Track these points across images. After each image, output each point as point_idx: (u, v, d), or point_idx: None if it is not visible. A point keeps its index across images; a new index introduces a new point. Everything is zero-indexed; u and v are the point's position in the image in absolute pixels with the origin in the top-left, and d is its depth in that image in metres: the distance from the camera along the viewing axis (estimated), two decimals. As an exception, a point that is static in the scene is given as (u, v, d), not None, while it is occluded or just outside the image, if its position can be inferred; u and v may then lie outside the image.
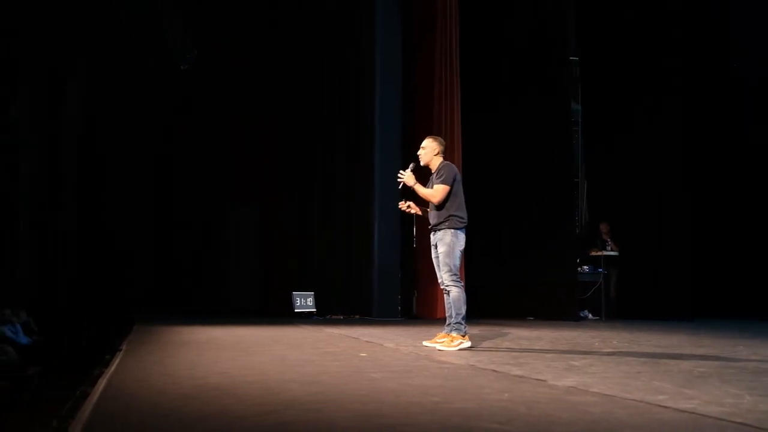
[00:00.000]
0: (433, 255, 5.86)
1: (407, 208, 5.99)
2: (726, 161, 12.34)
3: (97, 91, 12.20)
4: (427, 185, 5.87)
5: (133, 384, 3.69)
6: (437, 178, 5.79)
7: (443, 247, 5.67)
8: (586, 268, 11.48)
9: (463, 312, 5.60)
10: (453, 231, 5.67)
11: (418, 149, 6.01)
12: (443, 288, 5.75)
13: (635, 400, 3.10)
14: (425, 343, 5.87)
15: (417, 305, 12.12)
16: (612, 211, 11.78)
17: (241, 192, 12.81)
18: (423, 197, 5.88)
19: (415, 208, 5.98)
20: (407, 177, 5.84)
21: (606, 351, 5.59)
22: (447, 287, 5.67)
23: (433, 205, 5.78)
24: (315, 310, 11.38)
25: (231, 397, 3.20)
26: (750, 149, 12.39)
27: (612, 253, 11.41)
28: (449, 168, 5.82)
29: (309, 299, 11.44)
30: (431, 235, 5.87)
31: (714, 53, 12.61)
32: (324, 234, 12.22)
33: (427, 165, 5.94)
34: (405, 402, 3.07)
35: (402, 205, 6.02)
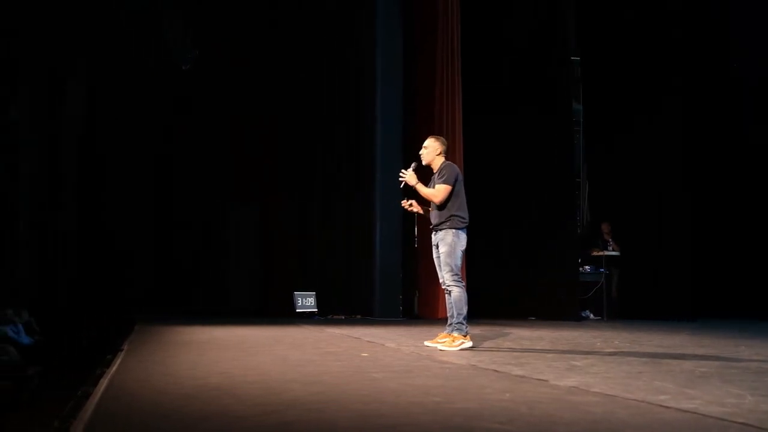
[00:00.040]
0: (435, 255, 5.85)
1: (409, 206, 5.99)
2: (726, 161, 12.33)
3: (97, 91, 12.20)
4: (429, 185, 5.87)
5: (135, 384, 3.69)
6: (439, 178, 5.79)
7: (445, 247, 5.67)
8: (587, 268, 11.48)
9: (465, 312, 5.60)
10: (454, 231, 5.67)
11: (419, 150, 6.01)
12: (444, 288, 5.75)
13: (637, 400, 3.10)
14: (427, 343, 5.87)
15: (418, 305, 12.12)
16: (613, 211, 11.78)
17: (242, 192, 12.81)
18: (425, 197, 5.87)
19: (417, 206, 5.98)
20: (409, 176, 5.84)
21: (607, 351, 5.59)
22: (448, 287, 5.67)
23: (435, 205, 5.78)
24: (316, 310, 11.38)
25: (232, 398, 3.20)
26: (750, 149, 12.39)
27: (613, 253, 11.41)
28: (451, 168, 5.82)
29: (310, 299, 11.44)
30: (432, 235, 5.87)
31: (714, 53, 12.60)
32: (325, 234, 12.22)
33: (429, 165, 5.94)
34: (406, 402, 3.07)
35: (405, 203, 6.03)
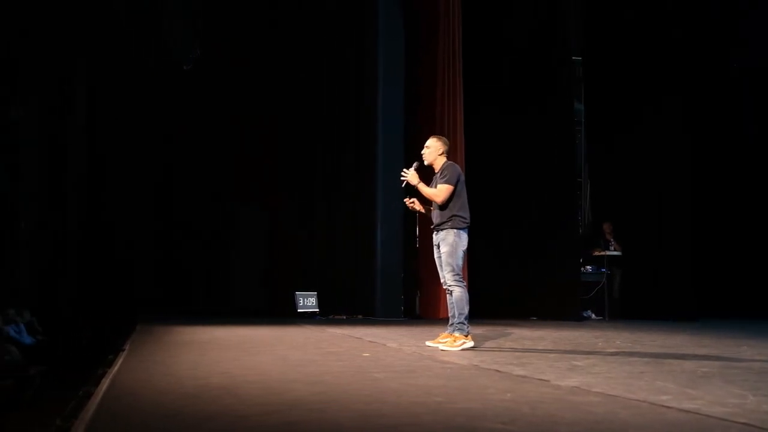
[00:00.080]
0: (436, 255, 5.85)
1: (411, 203, 5.99)
2: (727, 161, 12.32)
3: (98, 91, 12.18)
4: (431, 185, 5.87)
5: (136, 384, 3.69)
6: (441, 177, 5.78)
7: (446, 247, 5.67)
8: (589, 268, 11.48)
9: (466, 312, 5.60)
10: (456, 231, 5.67)
11: (421, 150, 6.01)
12: (446, 288, 5.75)
13: (638, 400, 3.10)
14: (428, 343, 5.87)
15: (420, 305, 12.11)
16: (615, 211, 11.76)
17: (244, 192, 12.80)
18: (426, 196, 5.87)
19: (419, 205, 5.98)
20: (411, 176, 5.84)
21: (609, 351, 5.59)
22: (450, 287, 5.67)
23: (437, 205, 5.78)
24: (318, 310, 11.37)
25: (233, 397, 3.20)
26: (750, 149, 12.39)
27: (615, 253, 11.39)
28: (453, 168, 5.82)
29: (312, 299, 11.43)
30: (434, 235, 5.87)
31: (714, 53, 12.58)
32: (327, 234, 12.21)
33: (431, 164, 5.94)
34: (408, 402, 3.07)
35: (407, 201, 6.02)
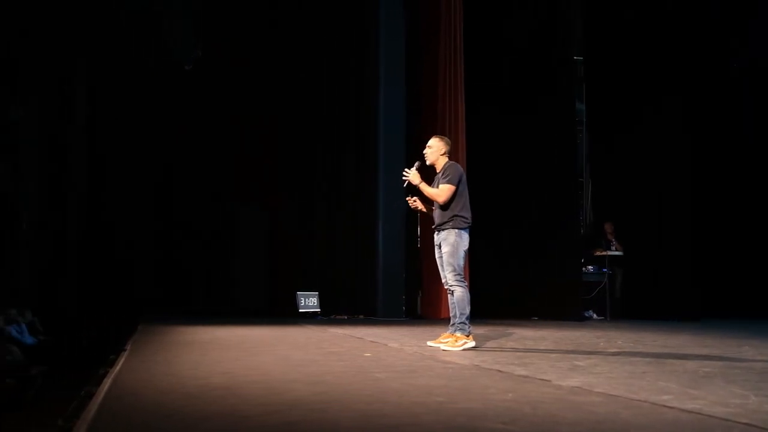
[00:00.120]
0: (437, 255, 5.85)
1: (413, 202, 5.99)
2: (727, 161, 12.31)
3: (98, 91, 12.19)
4: (432, 185, 5.86)
5: (138, 384, 3.69)
6: (443, 177, 5.78)
7: (447, 247, 5.66)
8: (590, 268, 11.47)
9: (467, 312, 5.59)
10: (457, 231, 5.67)
11: (422, 150, 6.01)
12: (447, 288, 5.75)
13: (640, 400, 3.09)
14: (429, 343, 5.87)
15: (421, 305, 12.11)
16: (616, 211, 11.76)
17: (244, 192, 12.79)
18: (428, 196, 5.87)
19: (421, 204, 5.98)
20: (412, 175, 5.84)
21: (611, 351, 5.58)
22: (451, 287, 5.67)
23: (438, 205, 5.78)
24: (319, 310, 11.38)
25: (235, 397, 3.20)
26: (751, 149, 12.39)
27: (617, 253, 11.39)
28: (455, 168, 5.81)
29: (313, 299, 11.44)
30: (435, 235, 5.86)
31: (714, 53, 12.57)
32: (327, 234, 12.21)
33: (433, 164, 5.93)
34: (409, 402, 3.06)
35: (409, 200, 6.02)
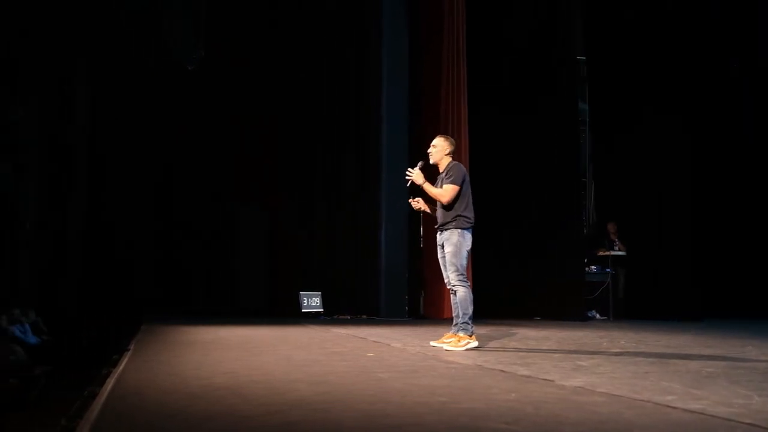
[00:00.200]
0: (439, 255, 5.84)
1: (417, 203, 5.98)
2: (727, 161, 12.30)
3: (98, 91, 12.20)
4: (436, 185, 5.86)
5: (141, 384, 3.69)
6: (446, 177, 5.77)
7: (450, 247, 5.66)
8: (593, 268, 11.46)
9: (470, 312, 5.59)
10: (460, 231, 5.66)
11: (425, 149, 6.00)
12: (450, 288, 5.74)
13: (643, 400, 3.09)
14: (432, 343, 5.86)
15: (424, 305, 12.11)
16: (619, 211, 11.75)
17: (244, 192, 12.80)
18: (432, 196, 5.86)
19: (424, 205, 5.97)
20: (416, 175, 5.83)
21: (614, 351, 5.57)
22: (454, 287, 5.66)
23: (441, 205, 5.77)
24: (322, 310, 11.38)
25: (237, 397, 3.20)
26: (751, 149, 12.38)
27: (619, 253, 11.37)
28: (458, 168, 5.81)
29: (316, 299, 11.44)
30: (437, 235, 5.86)
31: (714, 53, 12.55)
32: (328, 234, 12.23)
33: (437, 164, 5.93)
34: (412, 402, 3.06)
35: (412, 201, 6.02)
